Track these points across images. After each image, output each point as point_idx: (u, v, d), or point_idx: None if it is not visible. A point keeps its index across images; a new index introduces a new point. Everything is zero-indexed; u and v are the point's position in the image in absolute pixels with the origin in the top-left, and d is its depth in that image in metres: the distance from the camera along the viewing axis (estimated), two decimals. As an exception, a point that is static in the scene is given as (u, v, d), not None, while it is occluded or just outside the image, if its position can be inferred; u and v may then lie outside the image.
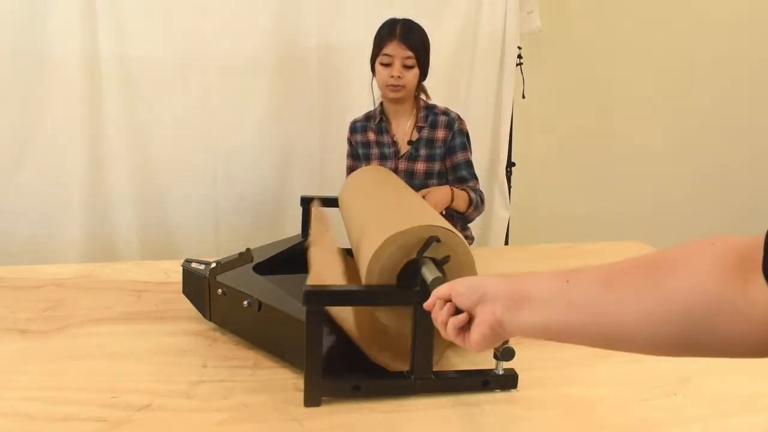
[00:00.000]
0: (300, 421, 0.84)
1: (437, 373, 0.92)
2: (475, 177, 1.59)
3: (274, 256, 1.27)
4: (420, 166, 1.56)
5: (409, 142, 1.57)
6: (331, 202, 1.45)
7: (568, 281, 0.56)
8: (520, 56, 2.20)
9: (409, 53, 1.49)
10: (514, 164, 2.30)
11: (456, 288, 0.66)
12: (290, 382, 0.94)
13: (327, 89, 2.08)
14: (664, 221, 2.63)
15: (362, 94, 1.88)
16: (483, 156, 2.18)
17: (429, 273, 0.85)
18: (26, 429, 0.81)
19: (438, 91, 1.68)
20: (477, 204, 1.54)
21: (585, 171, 2.64)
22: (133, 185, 2.01)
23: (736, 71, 2.63)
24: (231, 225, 2.10)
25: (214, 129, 2.03)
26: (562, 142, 2.59)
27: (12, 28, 1.85)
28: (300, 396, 0.89)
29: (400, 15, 1.56)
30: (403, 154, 1.58)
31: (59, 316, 1.16)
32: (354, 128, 1.64)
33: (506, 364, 0.92)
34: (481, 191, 1.58)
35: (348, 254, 1.35)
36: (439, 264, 0.89)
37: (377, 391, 0.91)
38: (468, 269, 0.94)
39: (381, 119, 1.60)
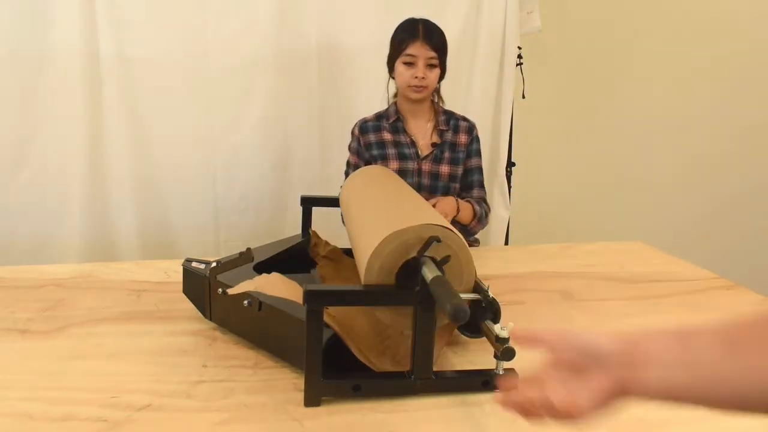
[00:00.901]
0: (300, 421, 0.84)
1: (437, 373, 0.92)
2: (482, 184, 1.61)
3: (274, 255, 1.27)
4: (444, 169, 1.56)
5: (434, 145, 1.57)
6: (331, 202, 1.45)
7: (686, 342, 0.53)
8: (520, 56, 2.20)
9: (433, 53, 1.49)
10: (514, 164, 2.30)
11: (554, 345, 0.58)
12: (290, 382, 0.94)
13: (327, 89, 2.08)
14: (664, 221, 2.63)
15: (362, 94, 1.89)
16: (483, 156, 2.17)
17: (429, 272, 0.85)
18: (26, 429, 0.81)
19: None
20: (481, 217, 1.55)
21: (585, 171, 2.64)
22: (134, 185, 2.01)
23: (737, 71, 2.63)
24: (231, 225, 2.10)
25: (214, 129, 2.03)
26: (562, 142, 2.59)
27: (12, 28, 1.85)
28: (300, 396, 0.89)
29: (400, 14, 1.56)
30: (427, 156, 1.57)
31: (59, 316, 1.16)
32: (365, 128, 1.62)
33: (506, 364, 0.92)
34: (487, 204, 1.59)
35: (347, 254, 1.36)
36: (439, 264, 0.89)
37: (377, 391, 0.91)
38: (468, 269, 0.95)
39: (397, 118, 1.58)
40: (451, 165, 1.57)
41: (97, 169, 1.99)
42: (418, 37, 1.48)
